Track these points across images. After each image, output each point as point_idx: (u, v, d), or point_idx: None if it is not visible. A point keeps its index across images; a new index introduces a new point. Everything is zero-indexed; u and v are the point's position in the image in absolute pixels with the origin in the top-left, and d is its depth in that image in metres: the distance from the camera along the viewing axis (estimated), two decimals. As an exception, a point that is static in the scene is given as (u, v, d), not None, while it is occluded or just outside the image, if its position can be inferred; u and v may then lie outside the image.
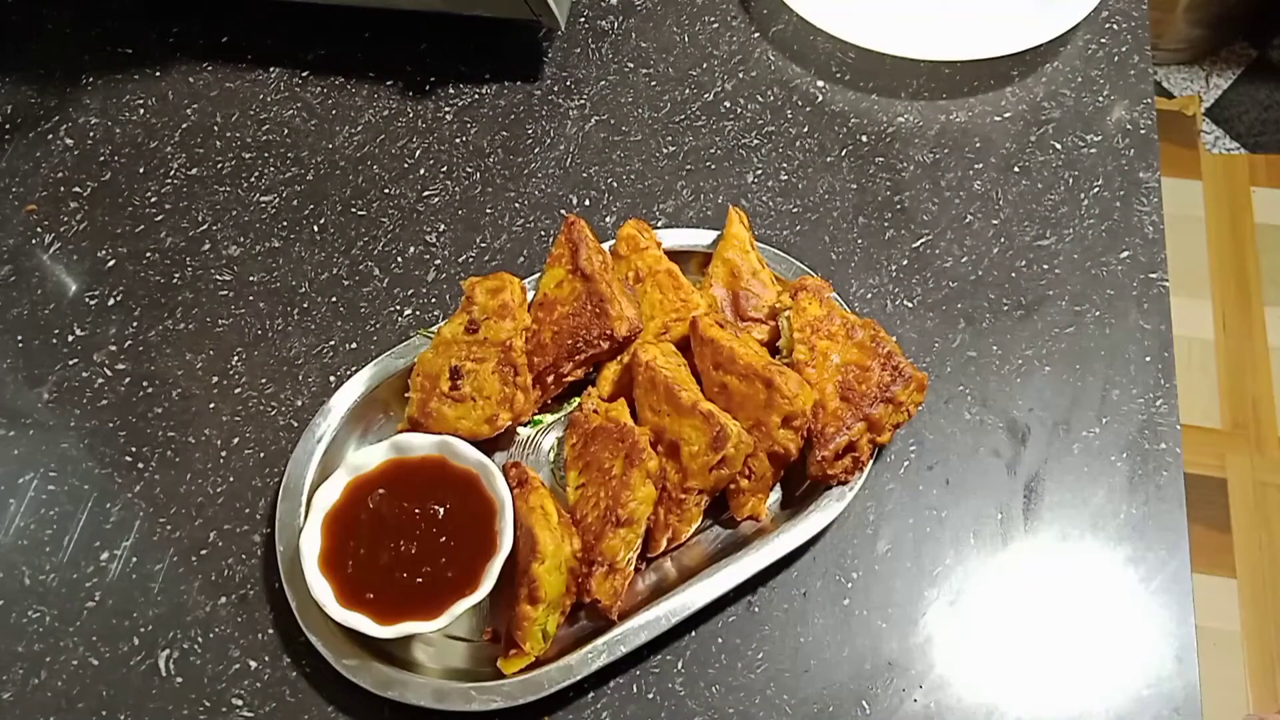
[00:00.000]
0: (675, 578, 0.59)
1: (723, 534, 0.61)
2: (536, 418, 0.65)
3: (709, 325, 0.61)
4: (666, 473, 0.58)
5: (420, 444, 0.60)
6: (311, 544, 0.57)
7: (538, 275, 0.66)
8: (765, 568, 0.58)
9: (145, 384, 0.69)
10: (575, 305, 0.63)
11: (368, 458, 0.60)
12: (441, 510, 0.58)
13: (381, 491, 0.58)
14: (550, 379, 0.63)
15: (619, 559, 0.56)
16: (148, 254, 0.74)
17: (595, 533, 0.56)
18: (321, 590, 0.56)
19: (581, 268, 0.63)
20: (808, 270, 0.67)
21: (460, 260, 0.73)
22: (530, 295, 0.66)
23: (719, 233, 0.68)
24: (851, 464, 0.59)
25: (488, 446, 0.61)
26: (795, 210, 0.74)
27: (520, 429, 0.65)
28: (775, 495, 0.62)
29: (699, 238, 0.69)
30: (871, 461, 0.61)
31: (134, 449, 0.66)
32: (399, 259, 0.73)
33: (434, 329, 0.66)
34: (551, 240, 0.73)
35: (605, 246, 0.66)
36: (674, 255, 0.67)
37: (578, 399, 0.64)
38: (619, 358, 0.64)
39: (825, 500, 0.60)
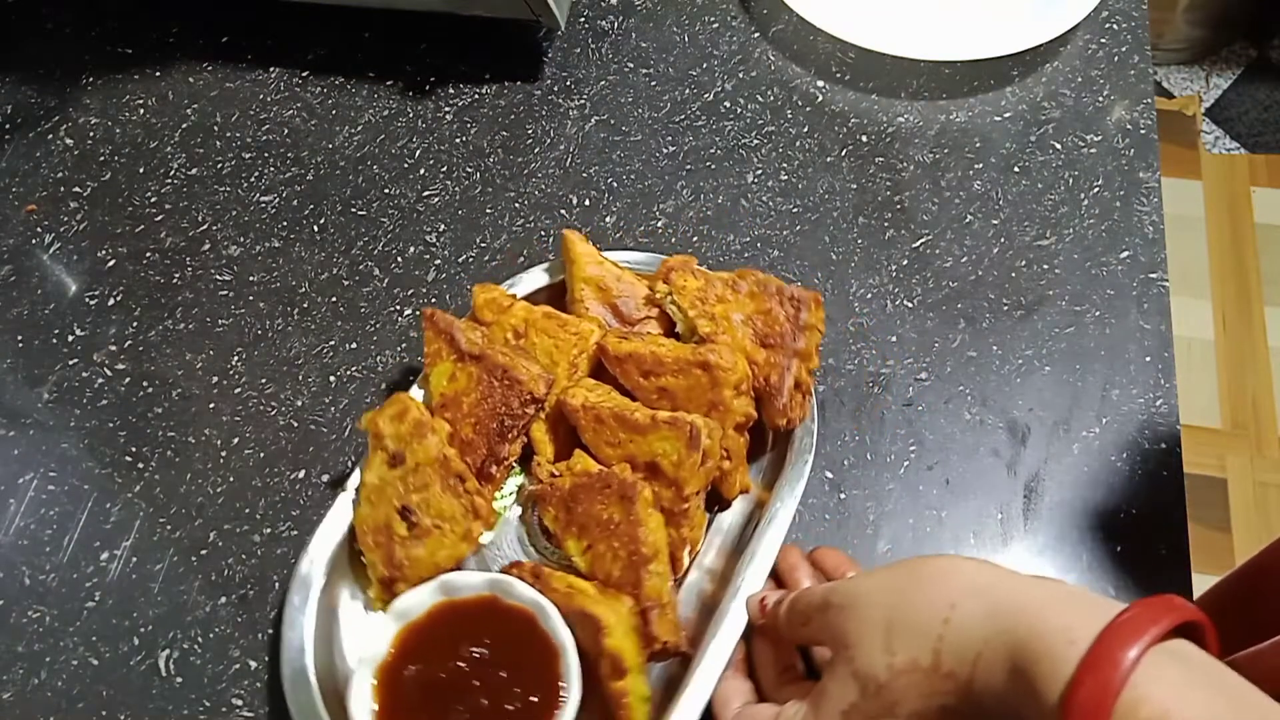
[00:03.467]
0: (708, 585, 0.59)
1: (720, 519, 0.61)
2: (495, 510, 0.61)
3: (617, 342, 0.60)
4: (659, 494, 0.57)
5: (471, 583, 0.56)
6: (362, 709, 0.52)
7: (419, 377, 0.62)
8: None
9: (145, 384, 0.69)
10: (481, 389, 0.59)
11: (414, 600, 0.56)
12: (504, 659, 0.53)
13: (433, 642, 0.54)
14: (493, 469, 0.60)
15: (664, 595, 0.55)
16: (148, 254, 0.74)
17: (631, 583, 0.55)
18: None
19: (468, 351, 0.60)
20: (657, 255, 0.66)
21: (460, 260, 0.73)
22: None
23: (555, 260, 0.66)
24: (803, 398, 0.61)
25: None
26: (795, 210, 0.74)
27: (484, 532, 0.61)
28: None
29: (539, 277, 0.67)
30: (814, 390, 0.62)
31: (134, 449, 0.66)
32: (399, 259, 0.73)
33: (351, 487, 0.60)
34: (552, 240, 0.73)
35: (463, 321, 0.62)
36: (533, 299, 0.65)
37: (519, 474, 0.62)
38: (539, 415, 0.61)
39: (796, 445, 0.60)
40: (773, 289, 0.61)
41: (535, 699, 0.53)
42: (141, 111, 0.81)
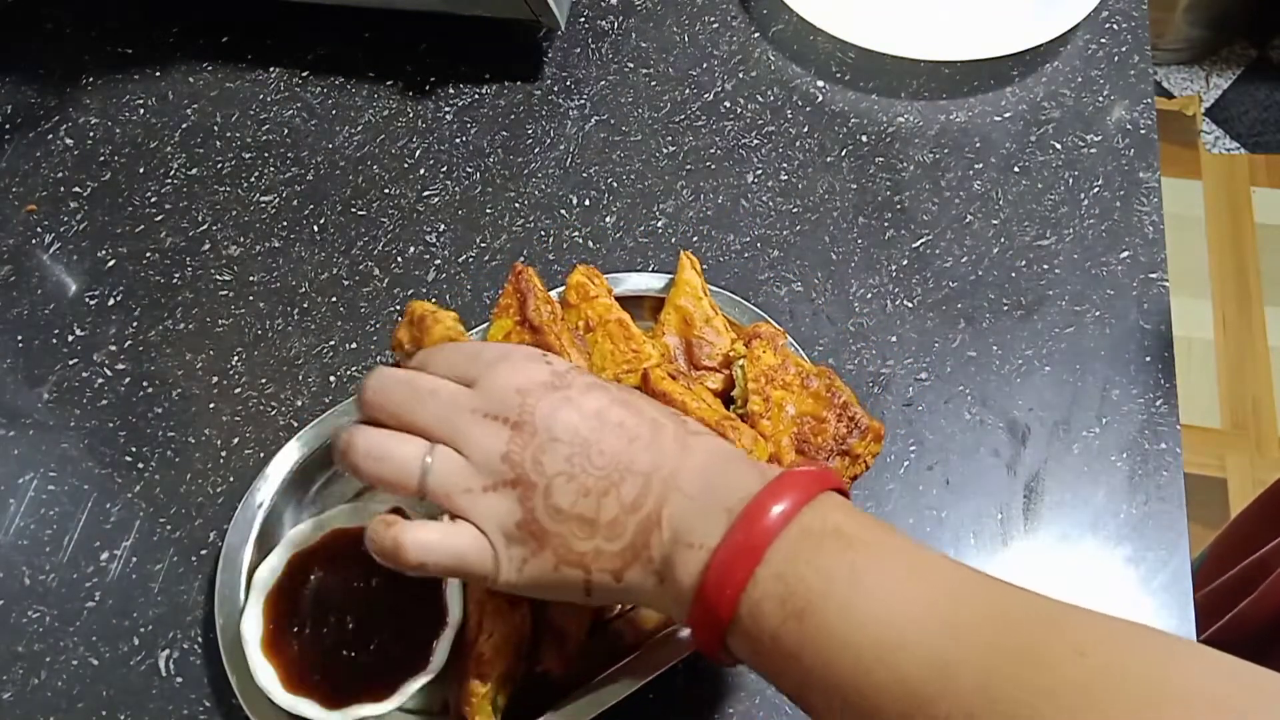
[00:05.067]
0: (629, 640, 0.56)
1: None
2: None
3: (660, 378, 0.59)
4: None
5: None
6: (253, 627, 0.55)
7: (485, 325, 0.64)
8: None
9: (145, 384, 0.69)
10: None
11: (308, 531, 0.57)
12: (388, 582, 0.55)
13: (323, 566, 0.56)
14: None
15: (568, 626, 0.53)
16: (148, 254, 0.74)
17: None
18: (266, 676, 0.53)
19: (530, 319, 0.60)
20: (761, 315, 0.65)
21: (460, 260, 0.73)
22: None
23: (671, 277, 0.66)
24: None
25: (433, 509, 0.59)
26: (795, 210, 0.74)
27: None
28: None
29: (651, 283, 0.67)
30: None
31: (134, 449, 0.66)
32: (399, 259, 0.73)
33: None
34: (551, 240, 0.73)
35: (554, 294, 0.63)
36: (625, 301, 0.65)
37: None
38: None
39: None
40: (839, 400, 0.58)
41: (418, 618, 0.54)
42: (141, 111, 0.81)
